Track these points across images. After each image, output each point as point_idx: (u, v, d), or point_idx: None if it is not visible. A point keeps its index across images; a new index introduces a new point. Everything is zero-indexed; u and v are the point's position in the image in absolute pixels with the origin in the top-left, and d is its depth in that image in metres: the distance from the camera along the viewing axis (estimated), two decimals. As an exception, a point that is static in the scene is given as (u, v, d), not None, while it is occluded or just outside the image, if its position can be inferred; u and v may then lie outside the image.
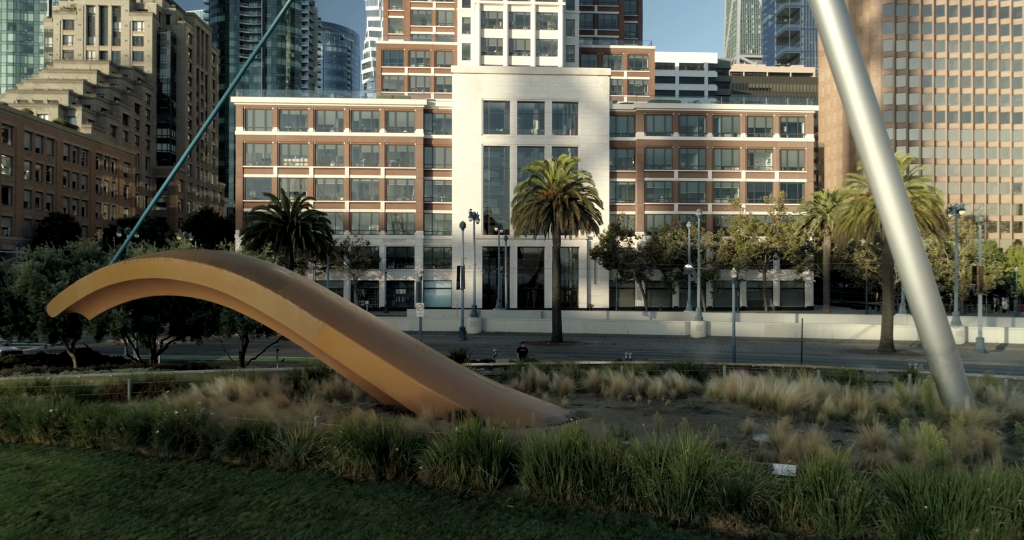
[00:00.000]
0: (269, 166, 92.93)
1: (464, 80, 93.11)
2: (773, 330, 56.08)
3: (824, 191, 78.12)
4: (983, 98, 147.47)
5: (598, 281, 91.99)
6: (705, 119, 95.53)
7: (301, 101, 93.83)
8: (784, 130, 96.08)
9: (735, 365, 27.78)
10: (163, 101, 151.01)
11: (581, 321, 61.29)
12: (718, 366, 26.69)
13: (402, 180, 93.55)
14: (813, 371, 24.00)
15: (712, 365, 27.05)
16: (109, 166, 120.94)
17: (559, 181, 49.85)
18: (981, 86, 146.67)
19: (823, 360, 43.18)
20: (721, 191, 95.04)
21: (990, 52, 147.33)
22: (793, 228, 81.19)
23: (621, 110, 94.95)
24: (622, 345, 52.65)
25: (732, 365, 27.44)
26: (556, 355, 47.22)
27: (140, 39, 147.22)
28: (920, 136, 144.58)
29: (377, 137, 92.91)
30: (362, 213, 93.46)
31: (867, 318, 63.18)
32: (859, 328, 55.52)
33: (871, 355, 46.49)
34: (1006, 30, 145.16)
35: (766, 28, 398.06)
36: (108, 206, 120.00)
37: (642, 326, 59.51)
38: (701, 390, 21.86)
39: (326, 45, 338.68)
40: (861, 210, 45.10)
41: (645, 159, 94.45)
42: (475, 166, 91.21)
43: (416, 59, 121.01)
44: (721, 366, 26.77)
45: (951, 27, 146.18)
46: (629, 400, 21.11)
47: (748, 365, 27.96)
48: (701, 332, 57.16)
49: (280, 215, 53.35)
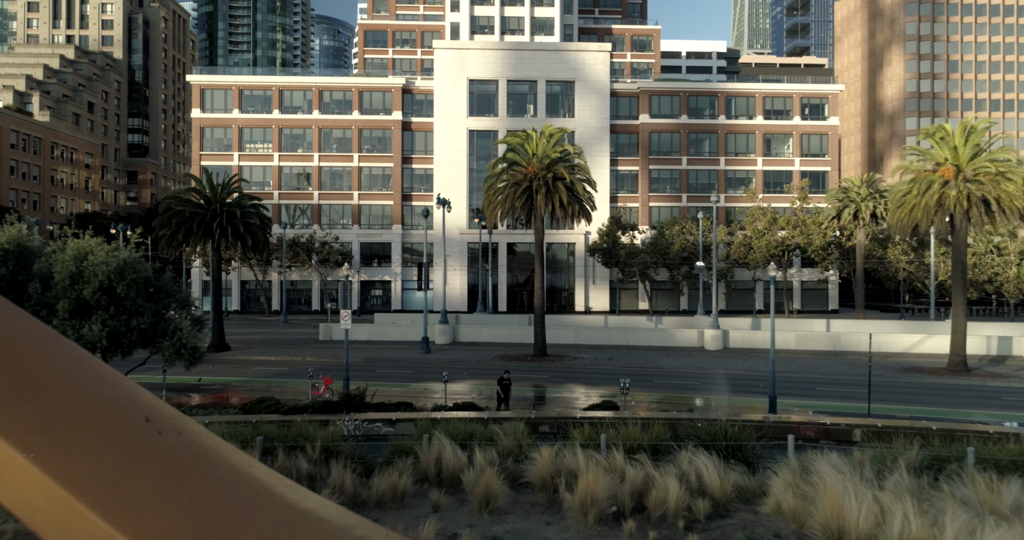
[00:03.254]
0: (229, 153, 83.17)
1: (448, 57, 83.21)
2: (805, 341, 46.04)
3: (857, 177, 67.97)
4: (1013, 85, 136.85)
5: (597, 281, 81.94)
6: (717, 100, 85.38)
7: (265, 79, 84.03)
8: (805, 112, 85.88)
9: (799, 427, 17.55)
10: (135, 89, 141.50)
11: (573, 329, 51.32)
12: (768, 424, 16.54)
13: (378, 168, 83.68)
14: (961, 439, 13.85)
15: (759, 425, 16.89)
16: (68, 156, 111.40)
17: (542, 156, 39.91)
18: (1011, 72, 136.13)
19: (884, 384, 33.04)
20: (735, 180, 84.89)
21: (1020, 35, 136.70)
22: (820, 220, 71.08)
23: (623, 90, 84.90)
24: (621, 360, 42.65)
25: (792, 426, 17.24)
26: (535, 375, 37.15)
27: (110, 22, 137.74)
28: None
29: (350, 120, 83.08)
30: (333, 205, 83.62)
31: (912, 325, 53.05)
32: (910, 339, 45.43)
33: (940, 376, 36.39)
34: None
35: (775, 21, 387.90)
36: (66, 199, 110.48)
37: (646, 335, 49.52)
38: (754, 496, 11.67)
39: (322, 39, 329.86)
40: (927, 189, 35.02)
41: (650, 145, 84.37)
42: (460, 153, 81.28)
43: (401, 40, 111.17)
44: (783, 435, 16.61)
45: (979, 8, 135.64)
46: (611, 523, 11.02)
47: (823, 425, 17.77)
48: (717, 343, 47.15)
49: (201, 201, 43.55)
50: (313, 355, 44.48)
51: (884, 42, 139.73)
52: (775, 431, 16.39)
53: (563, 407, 28.98)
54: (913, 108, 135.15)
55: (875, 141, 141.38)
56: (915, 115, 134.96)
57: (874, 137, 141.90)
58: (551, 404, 30.63)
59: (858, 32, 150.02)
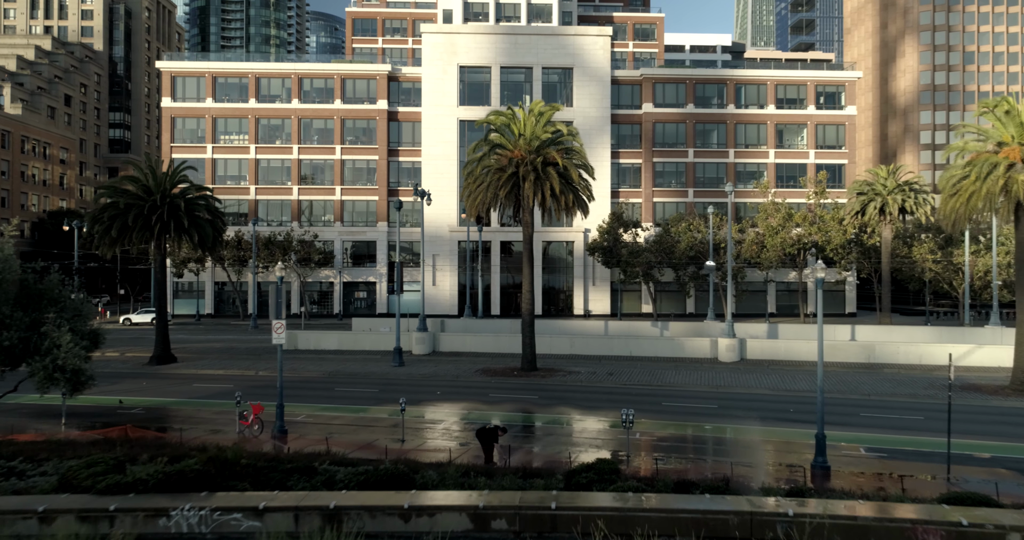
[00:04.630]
0: (202, 145, 77.44)
1: (436, 41, 77.49)
2: (835, 351, 40.12)
3: (883, 167, 61.96)
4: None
5: (597, 282, 76.12)
6: (726, 88, 79.50)
7: (240, 66, 78.28)
8: (820, 101, 79.99)
9: (915, 530, 11.55)
10: (116, 82, 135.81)
11: (568, 337, 45.44)
12: (862, 525, 10.67)
13: (362, 161, 77.93)
14: None
15: (849, 525, 10.97)
16: (41, 151, 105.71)
17: (530, 138, 34.05)
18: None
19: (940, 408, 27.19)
20: (745, 174, 79.01)
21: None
22: (841, 216, 65.21)
23: (625, 77, 79.06)
24: (622, 374, 36.79)
25: (905, 526, 11.27)
26: (520, 395, 31.32)
27: (90, 13, 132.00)
28: (961, 120, 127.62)
29: (332, 109, 77.34)
30: (314, 200, 77.85)
31: (949, 332, 47.15)
32: (956, 350, 39.46)
33: (1006, 397, 30.53)
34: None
35: (779, 17, 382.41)
36: (39, 196, 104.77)
37: (651, 345, 43.65)
38: None
39: (319, 36, 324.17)
40: (989, 173, 29.16)
41: (654, 136, 78.54)
42: (450, 145, 75.52)
43: (392, 29, 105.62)
44: None
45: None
46: None
47: (957, 526, 11.74)
48: (733, 353, 41.29)
49: (140, 191, 37.75)
50: (269, 368, 38.71)
51: (897, 33, 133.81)
52: (877, 535, 10.76)
53: (549, 452, 23.18)
54: (928, 101, 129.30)
55: (888, 136, 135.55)
56: (930, 108, 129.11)
57: (887, 132, 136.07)
58: (535, 441, 24.81)
59: (869, 23, 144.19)
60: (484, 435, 19.94)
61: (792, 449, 23.08)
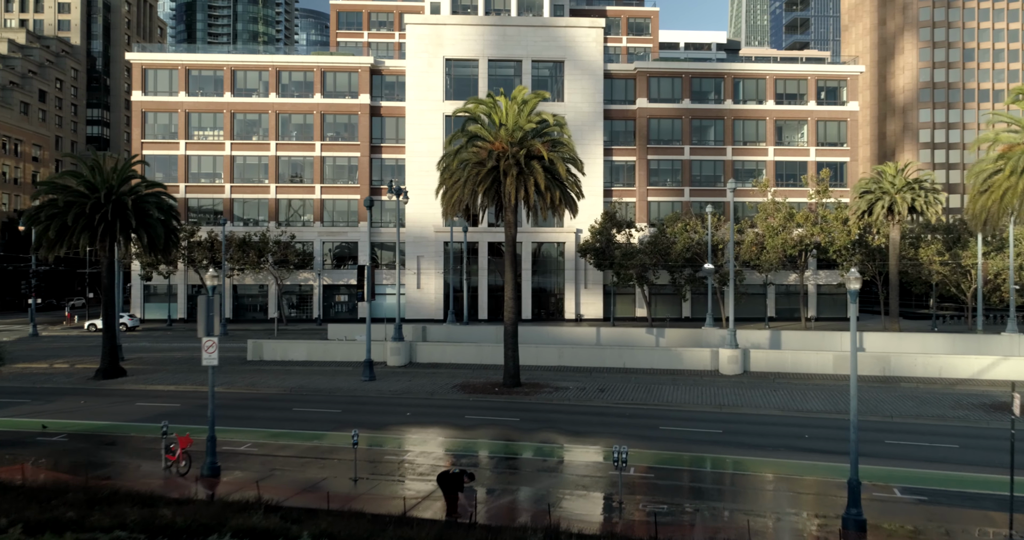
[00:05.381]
0: (175, 141, 73.76)
1: (421, 33, 74.02)
2: (847, 363, 36.77)
3: (890, 164, 58.67)
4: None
5: (589, 285, 72.72)
6: (723, 82, 76.20)
7: (215, 58, 74.52)
8: (821, 96, 76.80)
9: None
10: (94, 77, 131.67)
11: (557, 347, 41.96)
12: None
13: (343, 158, 74.33)
14: None
15: None
16: (12, 148, 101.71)
17: (512, 128, 30.60)
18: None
19: (976, 434, 23.82)
20: (743, 172, 75.72)
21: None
22: (845, 215, 61.96)
23: (618, 72, 75.67)
24: (615, 390, 33.33)
25: None
26: (500, 416, 27.85)
27: (67, 6, 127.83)
28: (961, 118, 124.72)
29: (312, 104, 73.71)
30: (292, 199, 74.20)
31: (963, 340, 43.80)
32: (979, 362, 36.19)
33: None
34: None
35: (774, 16, 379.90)
36: (10, 195, 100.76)
37: (646, 355, 40.22)
38: None
39: (309, 33, 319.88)
40: (1028, 169, 25.85)
41: (648, 132, 75.18)
42: (435, 141, 71.98)
43: (378, 22, 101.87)
44: None
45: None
46: None
47: None
48: (736, 365, 37.90)
49: (83, 187, 34.14)
50: (226, 383, 35.11)
51: (895, 29, 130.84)
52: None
53: (526, 497, 19.75)
54: (927, 99, 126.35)
55: (886, 134, 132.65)
56: (929, 106, 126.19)
57: (885, 130, 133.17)
58: (512, 480, 21.32)
59: (867, 19, 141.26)
60: (446, 481, 16.51)
61: (816, 490, 19.67)
